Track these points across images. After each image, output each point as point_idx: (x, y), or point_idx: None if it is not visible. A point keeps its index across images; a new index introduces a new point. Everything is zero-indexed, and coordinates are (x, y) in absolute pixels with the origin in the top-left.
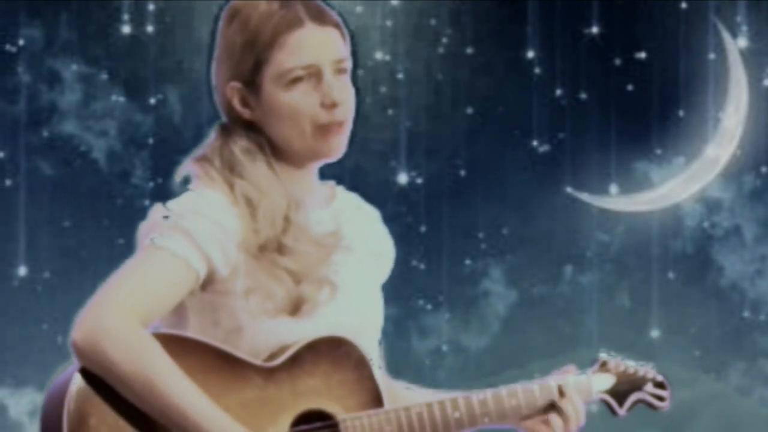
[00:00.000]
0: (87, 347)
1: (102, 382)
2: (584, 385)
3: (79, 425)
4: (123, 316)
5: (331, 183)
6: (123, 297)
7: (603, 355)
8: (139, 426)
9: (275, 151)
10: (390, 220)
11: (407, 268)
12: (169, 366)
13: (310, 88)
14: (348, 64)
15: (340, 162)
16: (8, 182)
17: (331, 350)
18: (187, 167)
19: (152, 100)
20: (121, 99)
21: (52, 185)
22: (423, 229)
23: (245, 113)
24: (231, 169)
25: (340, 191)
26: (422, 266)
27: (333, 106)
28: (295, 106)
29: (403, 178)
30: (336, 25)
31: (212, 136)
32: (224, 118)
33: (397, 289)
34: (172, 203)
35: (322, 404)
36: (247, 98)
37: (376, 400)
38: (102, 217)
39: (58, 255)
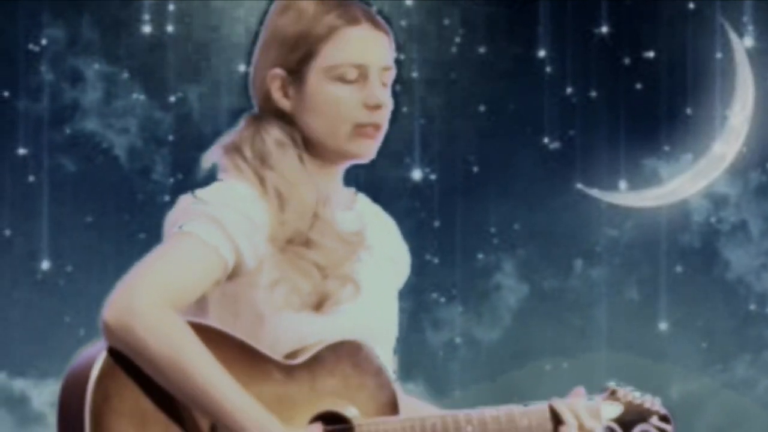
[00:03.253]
0: (118, 327)
1: (128, 364)
2: (594, 411)
3: (102, 404)
4: (155, 297)
5: (352, 189)
6: (154, 279)
7: (612, 384)
8: (163, 409)
9: (307, 146)
10: (404, 215)
11: (421, 262)
12: (199, 349)
13: (356, 87)
14: (391, 77)
15: None
16: (32, 178)
17: (352, 354)
18: (214, 155)
19: (172, 98)
20: (142, 97)
21: (75, 181)
22: (436, 224)
23: (282, 102)
24: (262, 160)
25: (361, 197)
26: (436, 260)
27: (376, 107)
28: (339, 102)
29: (417, 175)
30: (387, 34)
31: (242, 125)
32: (256, 107)
33: (411, 283)
34: (200, 192)
35: (340, 406)
36: (287, 88)
37: (393, 408)
38: (123, 212)
39: (81, 249)
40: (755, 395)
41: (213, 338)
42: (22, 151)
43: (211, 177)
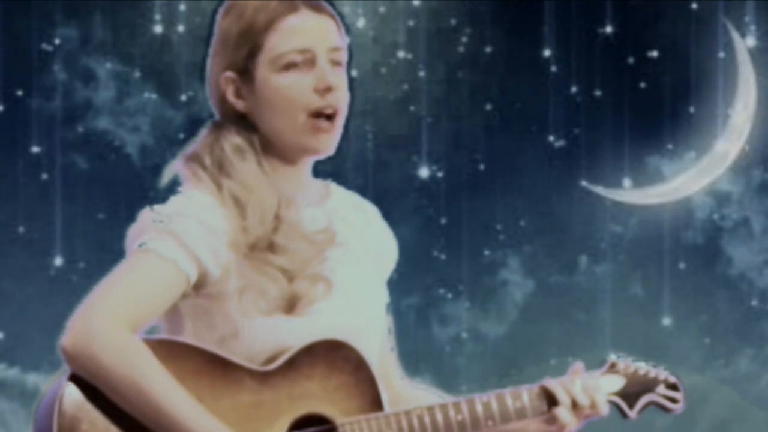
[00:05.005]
0: (76, 352)
1: (93, 389)
2: (591, 387)
3: (70, 431)
4: (112, 321)
5: (327, 181)
6: (112, 302)
7: (612, 357)
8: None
9: (267, 146)
10: (412, 212)
11: (428, 258)
12: (158, 370)
13: (304, 73)
14: (343, 56)
15: (363, 156)
16: (45, 176)
17: (329, 353)
18: (176, 167)
19: (183, 97)
20: (153, 96)
21: (87, 179)
22: (443, 221)
23: (238, 105)
24: (220, 167)
25: (336, 189)
26: (443, 257)
27: (327, 90)
28: (288, 91)
29: (424, 172)
30: (332, 17)
31: (203, 133)
32: (216, 114)
33: (419, 279)
34: (159, 207)
35: (320, 408)
36: (241, 89)
37: (376, 404)
38: (135, 209)
39: (93, 246)
40: (757, 390)
41: (181, 353)
42: (35, 149)
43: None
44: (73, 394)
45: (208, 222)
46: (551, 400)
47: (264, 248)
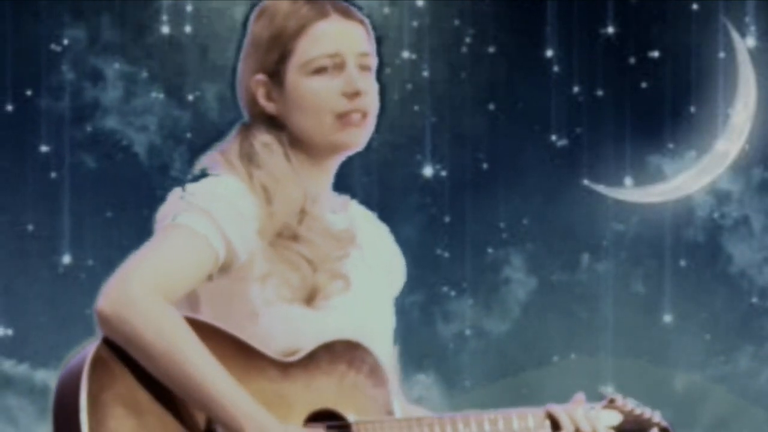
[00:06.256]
0: (113, 317)
1: (123, 355)
2: (592, 418)
3: (98, 394)
4: (149, 287)
5: (346, 197)
6: (147, 270)
7: (610, 392)
8: (159, 399)
9: (295, 145)
10: (415, 210)
11: (432, 256)
12: (193, 340)
13: (333, 77)
14: (372, 62)
15: (368, 155)
16: (54, 175)
17: (348, 353)
18: (208, 159)
19: (190, 97)
20: (161, 96)
21: (95, 178)
22: (447, 219)
23: (268, 107)
24: (249, 160)
25: (354, 204)
26: (446, 254)
27: (355, 95)
28: (317, 94)
29: (428, 171)
30: (361, 22)
31: (233, 134)
32: (246, 115)
33: (423, 277)
34: (190, 186)
35: (335, 405)
36: (271, 91)
37: (387, 408)
38: (142, 207)
39: (101, 244)
40: (757, 387)
41: (207, 334)
42: (44, 148)
43: None
44: (102, 358)
45: (238, 206)
46: (555, 425)
47: (289, 237)
